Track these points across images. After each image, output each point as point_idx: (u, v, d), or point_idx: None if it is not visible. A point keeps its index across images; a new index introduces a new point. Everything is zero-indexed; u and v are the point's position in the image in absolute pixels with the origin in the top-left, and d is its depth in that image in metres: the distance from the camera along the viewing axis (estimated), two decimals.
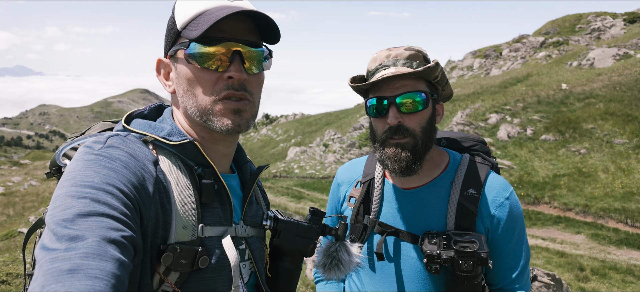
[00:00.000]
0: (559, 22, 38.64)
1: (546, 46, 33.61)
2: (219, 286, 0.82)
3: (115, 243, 0.61)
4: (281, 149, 38.27)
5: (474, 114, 20.16)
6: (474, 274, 1.15)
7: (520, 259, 1.25)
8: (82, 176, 0.68)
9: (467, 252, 1.12)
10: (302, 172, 23.38)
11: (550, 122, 17.13)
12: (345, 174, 1.47)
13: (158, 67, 0.91)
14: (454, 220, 1.21)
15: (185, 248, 0.76)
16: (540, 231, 10.50)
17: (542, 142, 15.93)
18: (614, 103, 17.09)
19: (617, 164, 13.22)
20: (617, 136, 14.79)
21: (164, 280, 0.75)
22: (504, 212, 1.22)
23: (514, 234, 1.24)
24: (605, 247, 9.32)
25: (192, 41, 0.80)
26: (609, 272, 7.76)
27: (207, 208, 0.83)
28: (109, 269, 0.57)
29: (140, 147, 0.79)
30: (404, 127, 1.17)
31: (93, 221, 0.62)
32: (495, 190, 1.24)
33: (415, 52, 1.20)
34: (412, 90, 1.17)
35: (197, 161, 0.85)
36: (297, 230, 0.97)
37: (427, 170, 1.29)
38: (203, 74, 0.82)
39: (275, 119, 69.93)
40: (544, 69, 26.75)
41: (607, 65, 22.99)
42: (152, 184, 0.75)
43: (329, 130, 33.98)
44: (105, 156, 0.72)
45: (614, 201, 11.29)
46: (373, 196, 1.32)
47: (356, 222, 1.34)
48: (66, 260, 0.56)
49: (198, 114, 0.84)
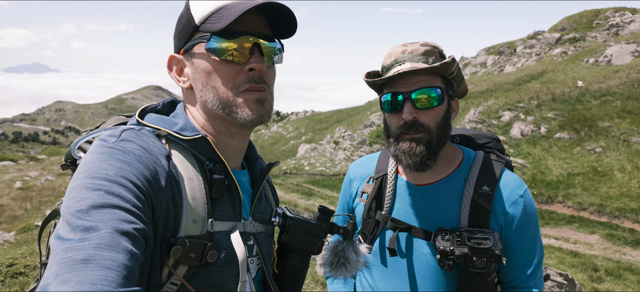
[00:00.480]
0: (576, 17, 37.80)
1: (562, 43, 32.94)
2: (226, 280, 0.83)
3: (128, 235, 0.62)
4: (291, 146, 38.37)
5: (486, 111, 19.90)
6: (488, 271, 1.14)
7: (533, 257, 1.25)
8: (97, 168, 0.70)
9: (481, 249, 1.11)
10: (313, 169, 23.40)
11: (565, 120, 16.81)
12: (357, 170, 1.47)
13: (170, 63, 0.91)
14: (467, 217, 1.20)
15: (195, 242, 0.77)
16: (553, 231, 10.34)
17: (557, 141, 15.65)
18: (631, 101, 16.67)
19: (634, 163, 12.91)
20: (634, 135, 14.44)
21: (173, 273, 0.77)
22: (518, 209, 1.22)
23: (528, 232, 1.24)
24: (621, 248, 9.13)
25: (214, 34, 0.82)
26: (624, 273, 7.60)
27: (216, 203, 0.85)
28: (121, 260, 0.59)
29: (153, 141, 0.80)
30: (418, 123, 1.17)
31: (106, 212, 0.63)
32: (509, 187, 1.24)
33: (431, 48, 1.20)
34: (428, 85, 1.16)
35: (209, 156, 0.86)
36: (306, 227, 0.97)
37: (441, 166, 1.28)
38: (224, 67, 0.83)
39: (285, 116, 70.19)
40: (560, 66, 26.23)
41: (626, 62, 22.43)
42: (165, 177, 0.76)
43: (339, 128, 33.92)
44: (119, 149, 0.74)
45: (631, 201, 11.04)
46: (386, 192, 1.32)
47: (368, 218, 1.34)
48: (80, 250, 0.57)
49: (220, 107, 0.85)
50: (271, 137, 50.66)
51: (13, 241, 8.81)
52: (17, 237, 9.24)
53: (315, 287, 5.24)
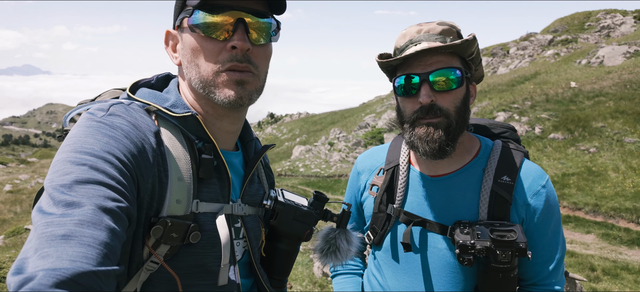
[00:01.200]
0: (568, 19, 38.22)
1: (554, 44, 33.27)
2: (209, 261, 0.81)
3: (111, 213, 0.61)
4: (286, 148, 38.26)
5: (481, 112, 19.95)
6: (511, 266, 1.06)
7: (556, 252, 1.17)
8: (83, 142, 0.68)
9: (505, 242, 1.02)
10: (307, 171, 23.33)
11: (559, 120, 16.91)
12: (366, 161, 1.39)
13: (167, 38, 0.89)
14: (486, 209, 1.13)
15: (177, 222, 0.76)
16: None
17: (551, 141, 15.73)
18: (624, 101, 16.83)
19: (628, 163, 13.00)
20: (627, 135, 14.56)
21: (152, 253, 0.75)
22: (541, 201, 1.14)
23: (550, 225, 1.16)
24: (617, 247, 9.16)
25: (195, 8, 0.78)
26: (621, 272, 7.61)
27: (204, 184, 0.83)
28: (103, 238, 0.58)
29: (142, 116, 0.78)
30: (437, 107, 1.09)
31: (90, 188, 0.62)
32: (531, 177, 1.16)
33: (448, 27, 1.12)
34: (446, 66, 1.08)
35: (198, 135, 0.83)
36: (295, 214, 0.95)
37: (457, 156, 1.20)
38: (207, 44, 0.80)
39: (280, 118, 70.09)
40: (553, 67, 26.46)
41: (617, 63, 22.67)
42: (152, 155, 0.74)
43: (334, 129, 33.90)
44: (107, 124, 0.72)
45: (625, 201, 11.10)
46: (397, 183, 1.24)
47: (379, 211, 1.26)
48: (61, 225, 0.56)
49: (201, 86, 0.82)
50: (265, 139, 50.54)
51: (2, 245, 8.61)
52: (6, 241, 9.03)
53: (313, 288, 5.14)
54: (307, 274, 5.60)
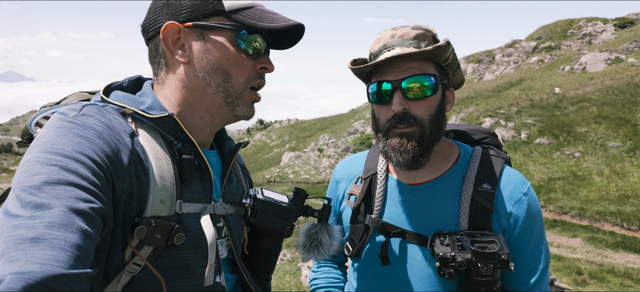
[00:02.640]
0: (551, 27, 39.06)
1: (538, 51, 33.92)
2: (193, 262, 0.81)
3: (83, 214, 0.59)
4: (275, 154, 38.11)
5: (468, 118, 20.17)
6: (493, 279, 1.01)
7: (539, 261, 1.12)
8: (53, 142, 0.66)
9: (487, 254, 0.98)
10: (297, 177, 23.24)
11: (544, 125, 17.19)
12: (344, 170, 1.33)
13: (167, 32, 0.82)
14: (467, 218, 1.08)
15: (161, 223, 0.74)
16: None
17: (537, 146, 15.95)
18: (606, 106, 17.19)
19: (612, 167, 13.24)
20: (610, 139, 14.85)
21: (136, 253, 0.74)
22: (522, 209, 1.09)
23: (533, 234, 1.11)
24: (602, 251, 9.27)
25: (247, 28, 0.84)
26: (607, 275, 7.69)
27: (186, 184, 0.82)
28: (74, 241, 0.56)
29: (117, 118, 0.77)
30: (410, 115, 1.05)
31: (61, 189, 0.60)
32: (512, 185, 1.12)
33: (423, 31, 1.08)
34: (420, 73, 1.04)
35: (177, 135, 0.83)
36: (275, 210, 0.96)
37: (436, 164, 1.15)
38: (243, 59, 0.85)
39: (269, 124, 70.02)
40: (537, 73, 26.95)
41: (599, 69, 23.20)
42: (128, 155, 0.73)
43: (323, 135, 33.91)
44: (79, 124, 0.70)
45: (610, 204, 11.28)
46: (375, 193, 1.19)
47: (357, 222, 1.21)
48: (29, 228, 0.54)
49: (224, 94, 0.85)
50: (254, 146, 50.29)
51: None
52: None
53: None
54: (294, 283, 5.51)
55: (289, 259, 6.59)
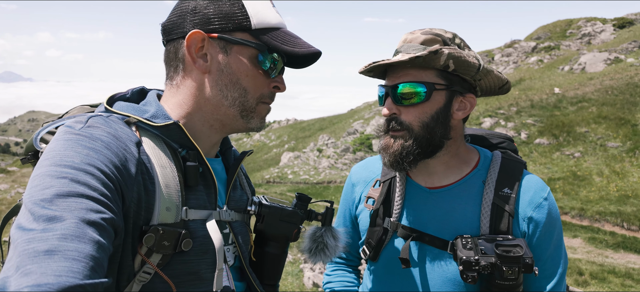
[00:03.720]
0: (550, 27, 39.14)
1: (538, 51, 33.99)
2: (202, 268, 0.82)
3: (95, 225, 0.60)
4: (274, 155, 38.09)
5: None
6: (517, 283, 1.01)
7: (558, 266, 1.13)
8: (62, 155, 0.67)
9: (512, 258, 0.98)
10: (296, 177, 23.21)
11: (544, 126, 17.21)
12: (361, 173, 1.33)
13: (193, 39, 0.83)
14: (488, 222, 1.09)
15: (168, 230, 0.75)
16: None
17: (537, 146, 15.97)
18: (606, 107, 17.23)
19: (612, 168, 13.26)
20: (610, 140, 14.88)
21: (146, 261, 0.75)
22: (543, 214, 1.10)
23: (553, 239, 1.12)
24: (603, 251, 9.28)
25: (270, 48, 0.86)
26: (608, 276, 7.70)
27: (191, 191, 0.83)
28: (88, 252, 0.57)
29: (122, 128, 0.78)
30: (398, 120, 1.09)
31: (72, 201, 0.61)
32: (532, 190, 1.12)
33: (432, 36, 1.07)
34: (413, 80, 1.06)
35: (182, 143, 0.84)
36: (281, 215, 0.97)
37: (455, 168, 1.16)
38: (260, 76, 0.87)
39: (268, 124, 69.96)
40: (536, 73, 27.00)
41: (599, 69, 23.25)
42: (135, 164, 0.74)
43: (322, 136, 33.92)
44: (86, 136, 0.71)
45: (610, 204, 11.30)
46: (394, 196, 1.19)
47: (376, 225, 1.21)
48: (43, 241, 0.55)
49: (240, 108, 0.87)
50: (253, 146, 50.30)
51: None
52: None
53: None
54: (297, 284, 5.49)
55: (291, 261, 6.59)
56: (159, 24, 0.91)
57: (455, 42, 1.10)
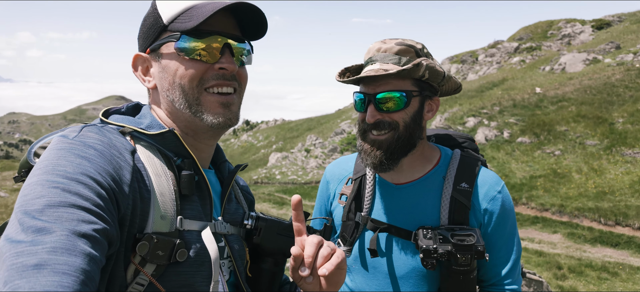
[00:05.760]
0: (532, 28, 39.97)
1: (520, 51, 34.68)
2: (197, 281, 0.79)
3: (86, 237, 0.58)
4: (262, 155, 37.97)
5: (452, 117, 20.52)
6: (470, 269, 1.13)
7: (512, 253, 1.25)
8: (54, 164, 0.65)
9: (465, 246, 1.10)
10: (284, 178, 23.24)
11: (525, 124, 17.61)
12: (334, 171, 1.44)
13: (135, 62, 0.89)
14: (447, 214, 1.20)
15: (163, 239, 0.73)
16: (518, 232, 10.73)
17: (519, 145, 16.35)
18: (585, 106, 17.73)
19: (590, 165, 13.68)
20: (589, 138, 15.33)
21: (140, 270, 0.72)
22: (497, 205, 1.22)
23: (506, 228, 1.24)
24: (581, 246, 9.60)
25: (184, 33, 0.81)
26: (585, 269, 7.98)
27: (186, 201, 0.81)
28: (78, 265, 0.55)
29: (116, 137, 0.77)
30: (384, 122, 1.17)
31: (63, 211, 0.59)
32: (487, 184, 1.24)
33: (406, 47, 1.18)
34: (394, 89, 1.16)
35: (177, 151, 0.83)
36: (279, 228, 0.94)
37: (419, 165, 1.27)
38: (193, 65, 0.82)
39: (255, 125, 69.53)
40: (519, 73, 27.55)
41: (578, 69, 23.89)
42: (130, 171, 0.73)
43: (310, 136, 33.97)
44: (80, 143, 0.70)
45: (588, 201, 11.66)
46: (365, 192, 1.30)
47: (348, 220, 1.32)
48: (32, 254, 0.53)
49: (186, 105, 0.83)
50: (241, 147, 49.98)
51: None
52: None
53: None
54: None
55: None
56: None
57: (424, 52, 1.22)
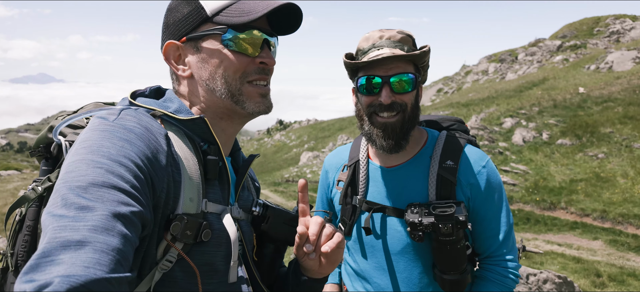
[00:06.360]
0: (577, 25, 37.90)
1: (563, 50, 33.01)
2: (217, 260, 0.84)
3: (124, 218, 0.61)
4: (294, 154, 38.37)
5: (488, 118, 19.91)
6: (456, 238, 1.20)
7: (502, 224, 1.31)
8: (99, 145, 0.68)
9: (445, 216, 1.18)
10: (315, 177, 23.41)
11: (567, 126, 16.79)
12: (332, 160, 1.54)
13: (167, 51, 0.89)
14: (434, 191, 1.28)
15: (191, 220, 0.77)
16: (556, 237, 10.29)
17: (559, 147, 15.62)
18: (633, 107, 16.66)
19: (637, 169, 12.86)
20: (636, 140, 14.41)
21: (171, 246, 0.76)
22: (482, 179, 1.29)
23: (493, 200, 1.30)
24: (624, 254, 9.08)
25: (231, 27, 0.85)
26: (628, 278, 7.56)
27: (209, 185, 0.86)
28: (115, 245, 0.57)
29: (151, 121, 0.80)
30: (397, 104, 1.24)
31: (105, 192, 0.62)
32: (472, 160, 1.31)
33: (406, 36, 1.28)
34: (403, 71, 1.24)
35: (204, 137, 0.87)
36: (285, 218, 0.99)
37: (408, 148, 1.35)
38: (238, 58, 0.86)
39: (288, 124, 70.34)
40: (561, 72, 26.26)
41: (627, 68, 22.45)
42: (165, 156, 0.76)
43: (341, 135, 33.97)
44: (120, 127, 0.73)
45: (634, 207, 10.98)
46: (359, 177, 1.39)
47: (345, 204, 1.41)
48: (75, 230, 0.56)
49: (228, 95, 0.87)
50: (274, 146, 50.75)
51: None
52: None
53: None
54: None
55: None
56: None
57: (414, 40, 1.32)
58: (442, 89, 44.51)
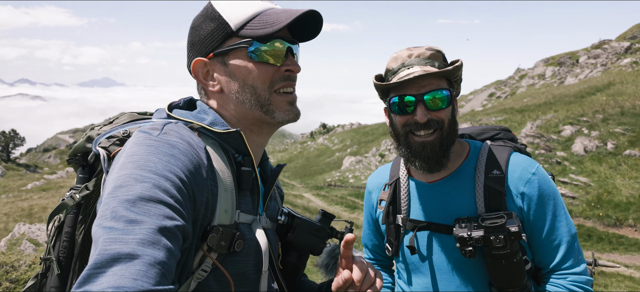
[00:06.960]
0: None
1: (632, 52, 30.34)
2: (248, 269, 0.87)
3: (169, 232, 0.64)
4: (337, 159, 38.44)
5: (545, 125, 18.66)
6: (511, 252, 1.12)
7: (562, 234, 1.21)
8: (146, 160, 0.71)
9: (495, 227, 1.11)
10: (357, 182, 23.23)
11: (636, 135, 15.31)
12: (374, 181, 1.51)
13: (196, 68, 0.91)
14: (483, 203, 1.21)
15: (226, 230, 0.80)
16: (622, 257, 9.36)
17: (626, 158, 14.27)
18: None
19: None
20: None
21: (207, 256, 0.79)
22: (534, 187, 1.21)
23: (549, 209, 1.21)
24: None
25: (256, 39, 0.87)
26: None
27: (241, 195, 0.88)
28: (161, 258, 0.60)
29: (191, 135, 0.82)
30: (433, 121, 1.20)
31: (152, 206, 0.65)
32: (520, 168, 1.24)
33: (435, 52, 1.24)
34: (437, 88, 1.20)
35: (239, 149, 0.89)
36: (311, 228, 1.01)
37: (450, 161, 1.29)
38: (264, 69, 0.88)
39: (332, 128, 70.82)
40: (629, 77, 24.10)
41: None
42: (205, 170, 0.79)
43: (385, 141, 33.53)
44: (165, 142, 0.76)
45: None
46: (400, 195, 1.35)
47: (389, 224, 1.36)
48: (125, 243, 0.59)
49: (258, 106, 0.90)
50: (317, 149, 51.20)
51: None
52: None
53: None
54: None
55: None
56: None
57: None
58: (495, 93, 42.57)
